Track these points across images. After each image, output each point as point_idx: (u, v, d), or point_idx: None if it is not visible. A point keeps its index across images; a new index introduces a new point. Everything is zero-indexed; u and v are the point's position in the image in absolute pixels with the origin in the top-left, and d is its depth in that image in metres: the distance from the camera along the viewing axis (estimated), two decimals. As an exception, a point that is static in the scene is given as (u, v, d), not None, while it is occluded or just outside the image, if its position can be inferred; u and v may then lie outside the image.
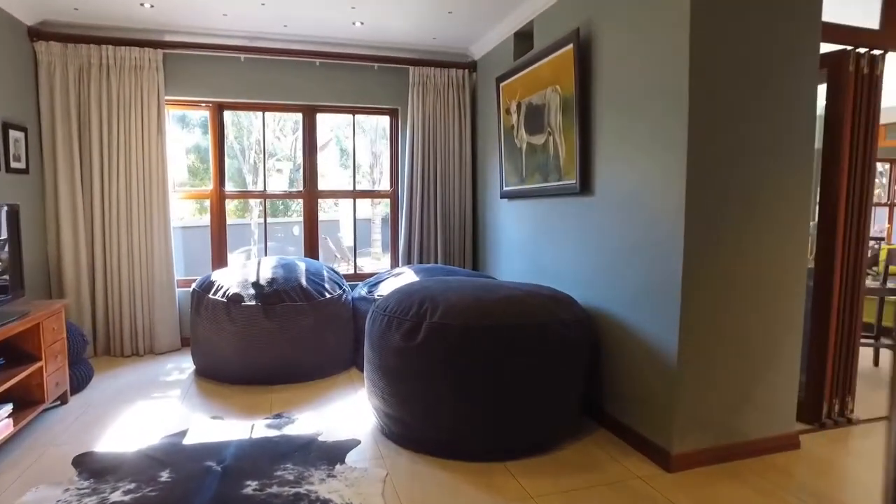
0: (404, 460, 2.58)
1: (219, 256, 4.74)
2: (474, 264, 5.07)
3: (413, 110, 4.75)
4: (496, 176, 4.42)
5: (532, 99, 3.66)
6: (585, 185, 3.15)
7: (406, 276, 3.94)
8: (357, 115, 5.05)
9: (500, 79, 4.08)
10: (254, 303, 3.58)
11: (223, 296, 3.65)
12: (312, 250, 4.95)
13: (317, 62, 4.65)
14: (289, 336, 3.61)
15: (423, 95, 4.77)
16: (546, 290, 2.94)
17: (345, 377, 3.81)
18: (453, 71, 4.83)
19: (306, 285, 3.76)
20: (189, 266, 5.17)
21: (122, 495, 2.22)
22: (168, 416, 3.08)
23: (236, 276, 3.82)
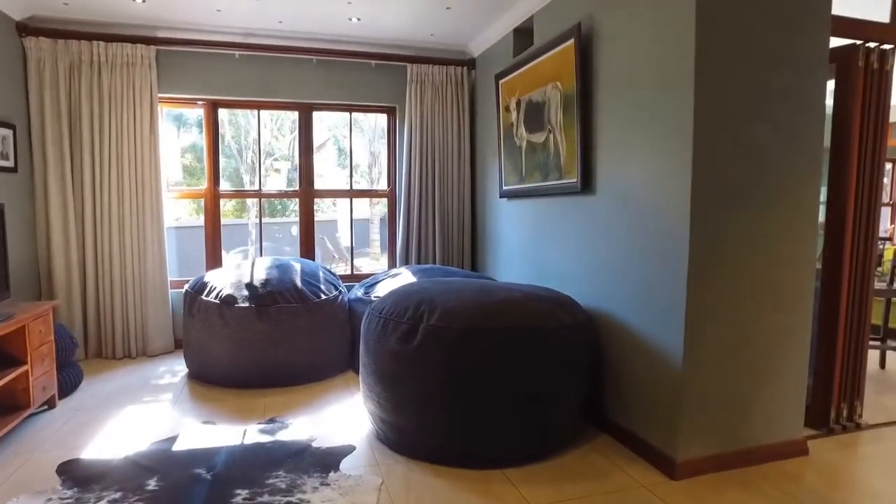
0: (400, 467, 2.50)
1: (213, 257, 4.66)
2: (473, 265, 4.98)
3: (411, 108, 4.67)
4: (495, 175, 4.34)
5: (532, 96, 3.58)
6: (587, 184, 3.08)
7: (403, 277, 3.86)
8: (354, 114, 4.98)
9: (500, 76, 4.00)
10: (247, 304, 3.50)
11: (216, 297, 3.57)
12: (309, 251, 4.86)
13: (313, 59, 4.57)
14: (283, 338, 3.53)
15: (421, 93, 4.69)
16: (546, 291, 2.86)
17: (341, 380, 3.73)
18: (452, 68, 4.75)
19: (301, 286, 3.68)
20: (184, 267, 5.08)
21: (107, 505, 2.14)
22: (158, 421, 3.00)
23: (230, 276, 3.74)
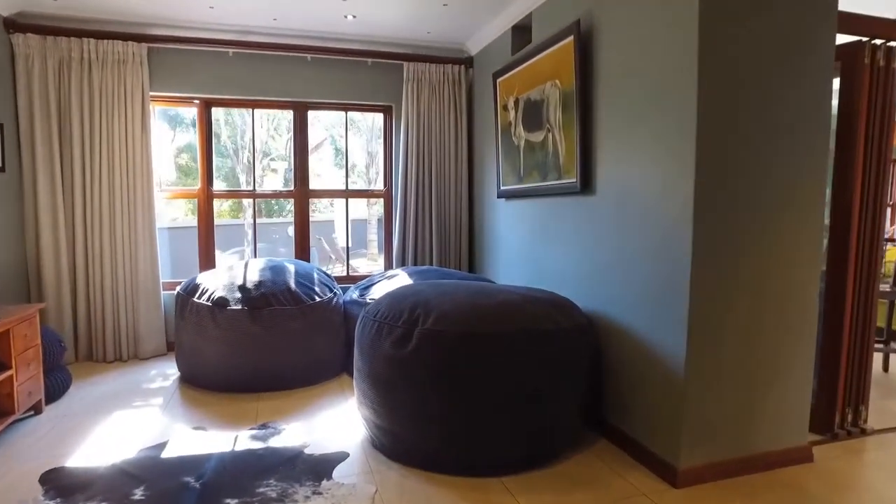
0: (395, 475, 2.43)
1: (206, 258, 4.59)
2: (470, 266, 4.91)
3: (407, 107, 4.60)
4: (493, 175, 4.28)
5: (530, 94, 3.52)
6: (586, 184, 3.01)
7: (399, 279, 3.79)
8: (350, 113, 4.91)
9: (497, 74, 3.94)
10: (240, 307, 3.43)
11: (208, 299, 3.49)
12: (304, 252, 4.79)
13: (308, 57, 4.49)
14: (276, 341, 3.45)
15: (418, 92, 4.62)
16: (545, 294, 2.80)
17: (335, 384, 3.66)
18: (449, 67, 4.68)
19: (295, 288, 3.61)
20: (181, 268, 5.01)
21: (91, 516, 2.07)
22: (148, 427, 2.93)
23: (222, 278, 3.67)
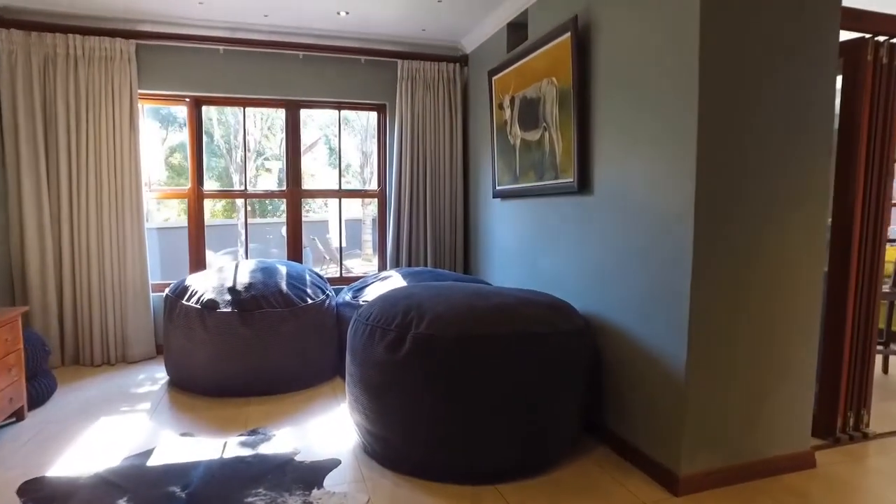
0: (388, 483, 2.36)
1: (196, 259, 4.50)
2: (465, 268, 4.85)
3: (401, 106, 4.53)
4: (488, 174, 4.21)
5: (526, 92, 3.45)
6: (584, 184, 2.95)
7: (393, 281, 3.72)
8: (344, 112, 4.83)
9: (493, 72, 3.87)
10: (230, 309, 3.35)
11: (197, 302, 3.41)
12: (296, 252, 4.71)
13: (300, 55, 4.41)
14: (267, 345, 3.37)
15: (412, 90, 4.55)
16: (542, 296, 2.73)
17: (327, 388, 3.58)
18: (444, 65, 4.61)
19: (287, 290, 3.53)
20: (172, 269, 4.92)
21: (71, 529, 1.99)
22: (134, 434, 2.84)
23: (212, 280, 3.58)
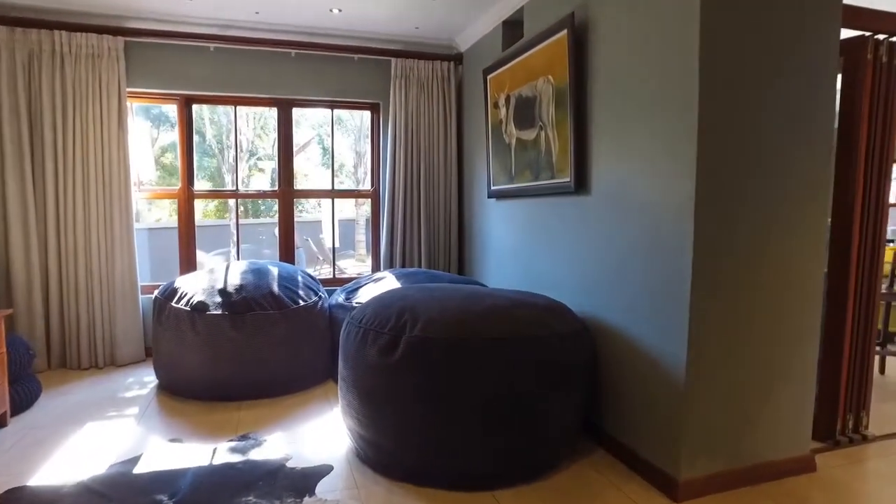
0: (381, 490, 2.30)
1: (187, 260, 4.42)
2: (460, 269, 4.79)
3: (395, 105, 4.47)
4: (483, 174, 4.16)
5: (522, 91, 3.41)
6: (581, 184, 2.90)
7: (386, 283, 3.66)
8: (338, 111, 4.77)
9: (488, 70, 3.82)
10: (220, 311, 3.28)
11: (187, 304, 3.34)
12: (288, 253, 4.64)
13: (292, 53, 4.35)
14: (258, 348, 3.31)
15: (406, 89, 4.49)
16: (539, 298, 2.68)
17: (320, 391, 3.52)
18: (438, 63, 4.56)
19: (278, 292, 3.46)
20: (161, 270, 4.84)
21: (53, 540, 1.92)
22: (121, 440, 2.77)
23: (202, 282, 3.51)
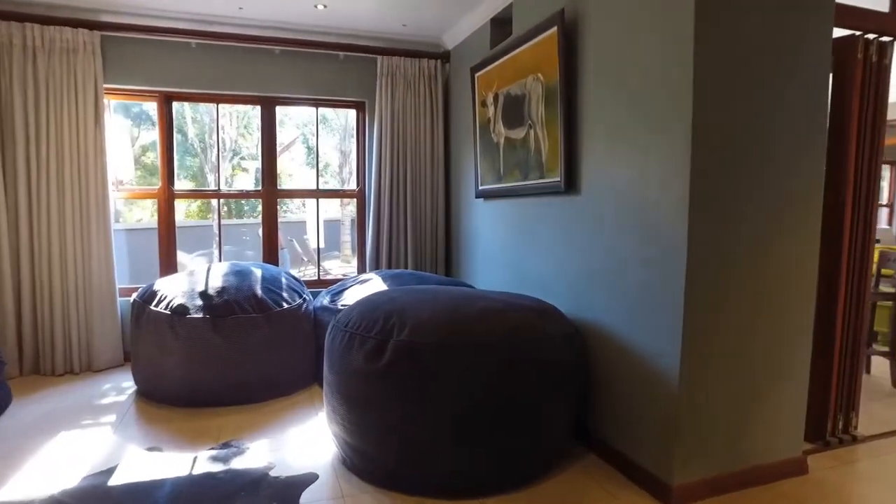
0: (368, 498, 2.23)
1: (167, 262, 4.30)
2: (447, 270, 4.73)
3: (381, 103, 4.40)
4: (471, 174, 4.10)
5: (511, 89, 3.35)
6: (571, 184, 2.86)
7: (372, 284, 3.58)
8: (323, 110, 4.68)
9: (475, 68, 3.77)
10: (201, 315, 3.18)
11: (167, 307, 3.23)
12: (272, 254, 4.54)
13: (276, 50, 4.25)
14: (241, 352, 3.21)
15: (392, 87, 4.42)
16: (529, 300, 2.63)
17: (305, 396, 3.43)
18: (425, 61, 4.49)
19: (261, 294, 3.37)
20: (141, 272, 4.72)
21: (20, 559, 1.82)
22: (96, 449, 2.66)
23: (182, 284, 3.41)
